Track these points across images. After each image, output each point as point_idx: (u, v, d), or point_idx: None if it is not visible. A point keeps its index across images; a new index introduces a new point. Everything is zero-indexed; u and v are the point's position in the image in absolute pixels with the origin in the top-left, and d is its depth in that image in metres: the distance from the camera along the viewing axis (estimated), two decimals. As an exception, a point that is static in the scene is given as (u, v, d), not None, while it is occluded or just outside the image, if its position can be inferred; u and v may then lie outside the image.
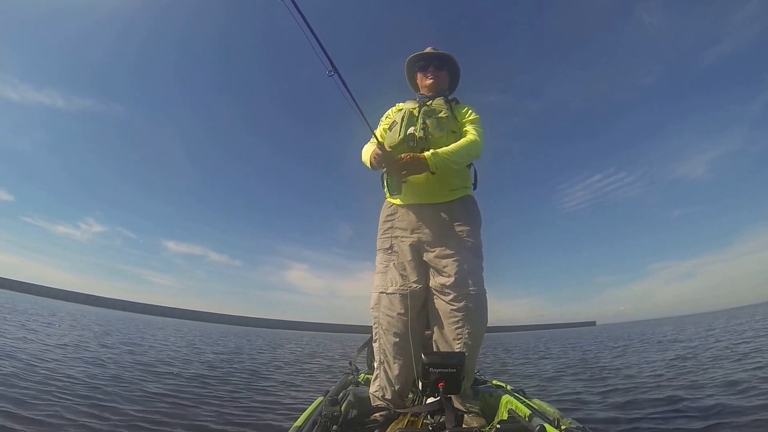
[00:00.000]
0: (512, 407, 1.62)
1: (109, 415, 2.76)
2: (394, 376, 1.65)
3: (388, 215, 1.83)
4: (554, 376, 5.70)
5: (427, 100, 1.87)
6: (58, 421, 2.52)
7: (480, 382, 2.21)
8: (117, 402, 3.15)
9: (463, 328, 1.60)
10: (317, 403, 1.61)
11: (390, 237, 1.79)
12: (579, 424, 1.30)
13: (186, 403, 3.37)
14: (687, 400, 3.36)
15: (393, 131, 1.76)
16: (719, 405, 3.08)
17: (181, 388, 4.03)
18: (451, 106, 1.84)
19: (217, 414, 3.14)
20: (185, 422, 2.83)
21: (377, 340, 1.72)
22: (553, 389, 4.60)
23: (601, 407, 3.44)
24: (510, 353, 11.31)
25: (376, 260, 1.83)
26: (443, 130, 1.72)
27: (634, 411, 3.19)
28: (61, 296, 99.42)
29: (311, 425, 1.32)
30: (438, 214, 1.73)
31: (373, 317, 1.73)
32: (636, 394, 3.84)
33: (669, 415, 3.03)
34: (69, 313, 20.93)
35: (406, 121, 1.73)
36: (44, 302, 34.33)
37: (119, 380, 4.07)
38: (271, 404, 3.65)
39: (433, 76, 1.91)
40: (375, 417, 1.54)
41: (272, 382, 5.07)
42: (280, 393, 4.32)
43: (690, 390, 3.80)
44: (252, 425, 2.93)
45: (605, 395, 3.94)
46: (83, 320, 15.45)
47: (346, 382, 2.16)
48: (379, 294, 1.72)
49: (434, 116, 1.75)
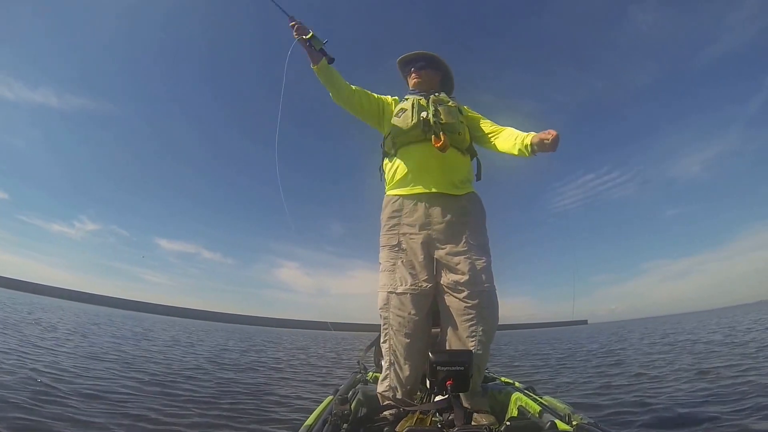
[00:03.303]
0: (522, 404, 1.61)
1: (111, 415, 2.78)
2: (405, 377, 1.63)
3: (395, 210, 1.78)
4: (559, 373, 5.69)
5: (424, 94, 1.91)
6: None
7: (489, 379, 2.20)
8: (123, 404, 3.14)
9: (477, 325, 1.58)
10: (327, 402, 1.62)
11: (397, 234, 1.75)
12: (590, 419, 1.29)
13: (188, 403, 3.35)
14: (692, 397, 3.33)
15: (404, 117, 1.79)
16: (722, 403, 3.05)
17: (179, 388, 4.00)
18: (454, 98, 1.91)
19: (226, 412, 3.14)
20: (187, 422, 2.82)
21: (387, 340, 1.68)
22: (562, 385, 4.58)
23: (612, 404, 3.42)
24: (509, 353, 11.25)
25: (379, 257, 1.79)
26: (454, 117, 1.77)
27: (642, 408, 3.16)
28: (56, 294, 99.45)
29: (322, 424, 1.32)
30: (447, 210, 1.71)
31: (383, 317, 1.69)
32: (644, 392, 3.81)
33: (679, 410, 3.00)
34: (74, 313, 21.22)
35: (416, 108, 1.77)
36: (43, 301, 34.70)
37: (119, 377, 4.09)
38: (277, 403, 3.68)
39: (417, 75, 1.95)
40: (384, 415, 1.55)
41: (273, 381, 5.11)
42: (284, 392, 4.35)
43: (692, 388, 3.76)
44: (263, 422, 2.95)
45: (616, 393, 3.92)
46: (99, 321, 15.71)
47: (355, 380, 2.17)
48: (388, 293, 1.68)
49: (444, 104, 1.80)
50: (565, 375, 5.48)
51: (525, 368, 6.74)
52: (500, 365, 6.97)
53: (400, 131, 1.77)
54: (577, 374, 5.43)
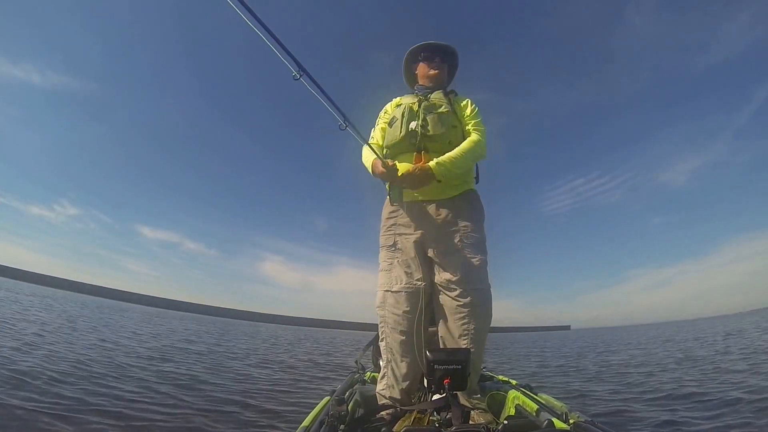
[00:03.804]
0: (519, 402, 1.61)
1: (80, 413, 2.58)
2: (402, 374, 1.65)
3: (391, 212, 1.82)
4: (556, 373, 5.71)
5: (426, 92, 1.87)
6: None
7: (486, 377, 2.21)
8: (93, 400, 2.91)
9: (469, 323, 1.60)
10: (324, 402, 1.61)
11: (393, 234, 1.78)
12: (587, 417, 1.30)
13: (180, 405, 3.15)
14: (693, 396, 3.36)
15: (394, 127, 1.77)
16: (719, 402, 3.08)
17: (177, 386, 3.80)
18: (450, 99, 1.84)
19: (218, 412, 3.03)
20: (181, 425, 2.66)
21: (384, 338, 1.71)
22: (559, 384, 4.61)
23: (608, 402, 3.44)
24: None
25: (379, 258, 1.82)
26: (444, 125, 1.73)
27: (640, 406, 3.18)
28: (34, 280, 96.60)
29: (318, 425, 1.32)
30: (441, 210, 1.72)
31: (379, 316, 1.73)
32: (641, 391, 3.85)
33: (674, 408, 3.02)
34: (62, 301, 20.71)
35: (407, 117, 1.74)
36: (18, 286, 33.77)
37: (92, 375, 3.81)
38: (273, 401, 3.64)
39: (438, 68, 1.92)
40: (382, 415, 1.54)
41: (266, 379, 5.05)
42: (279, 389, 4.31)
43: (695, 387, 3.79)
44: (256, 424, 2.90)
45: (611, 392, 3.94)
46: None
47: (353, 381, 2.16)
48: (385, 292, 1.72)
49: (435, 111, 1.75)
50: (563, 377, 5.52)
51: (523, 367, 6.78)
52: (498, 364, 7.03)
53: (391, 143, 1.78)
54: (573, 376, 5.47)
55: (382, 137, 1.87)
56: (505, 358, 9.05)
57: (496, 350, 12.08)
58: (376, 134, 1.92)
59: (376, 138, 1.91)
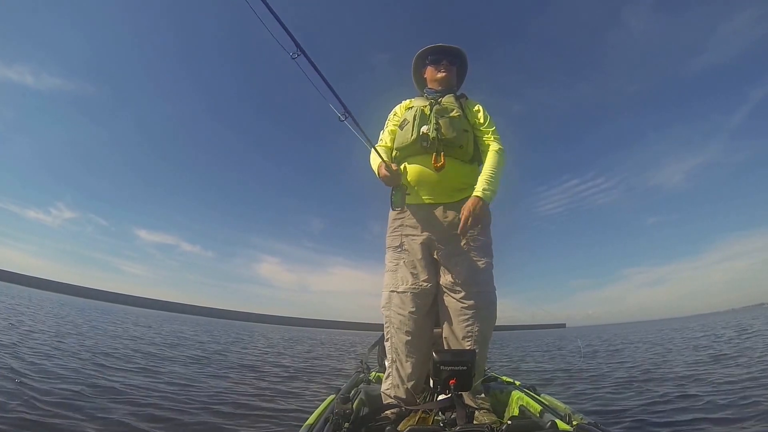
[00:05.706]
0: (523, 403, 1.62)
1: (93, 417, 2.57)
2: (407, 375, 1.66)
3: (398, 213, 1.81)
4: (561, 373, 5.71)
5: (437, 96, 1.86)
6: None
7: (490, 378, 2.21)
8: (101, 402, 2.92)
9: (473, 325, 1.61)
10: (329, 401, 1.63)
11: (400, 235, 1.78)
12: (590, 419, 1.31)
13: (182, 406, 3.15)
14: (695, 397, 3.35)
15: (405, 130, 1.76)
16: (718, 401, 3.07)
17: (177, 386, 3.83)
18: (461, 103, 1.83)
19: (223, 410, 3.08)
20: (179, 425, 2.66)
21: (389, 338, 1.72)
22: (559, 385, 4.60)
23: (612, 404, 3.44)
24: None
25: (385, 258, 1.83)
26: (456, 129, 1.72)
27: (643, 407, 3.18)
28: (33, 284, 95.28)
29: (323, 423, 1.33)
30: (448, 213, 1.72)
31: (385, 316, 1.74)
32: (643, 392, 3.84)
33: (677, 409, 3.02)
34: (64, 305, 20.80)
35: (419, 120, 1.73)
36: (13, 290, 33.50)
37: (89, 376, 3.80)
38: (275, 401, 3.66)
39: (446, 70, 1.90)
40: (386, 414, 1.56)
41: (268, 378, 5.07)
42: (279, 388, 4.34)
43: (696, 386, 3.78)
44: (260, 420, 2.92)
45: (616, 394, 3.94)
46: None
47: (358, 380, 2.18)
48: (390, 293, 1.73)
49: (446, 115, 1.74)
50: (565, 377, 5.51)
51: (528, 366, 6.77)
52: (498, 364, 7.04)
53: (401, 146, 1.77)
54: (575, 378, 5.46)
55: (391, 139, 1.87)
56: (505, 358, 9.04)
57: (496, 350, 12.03)
58: (384, 136, 1.91)
59: (385, 140, 1.90)
